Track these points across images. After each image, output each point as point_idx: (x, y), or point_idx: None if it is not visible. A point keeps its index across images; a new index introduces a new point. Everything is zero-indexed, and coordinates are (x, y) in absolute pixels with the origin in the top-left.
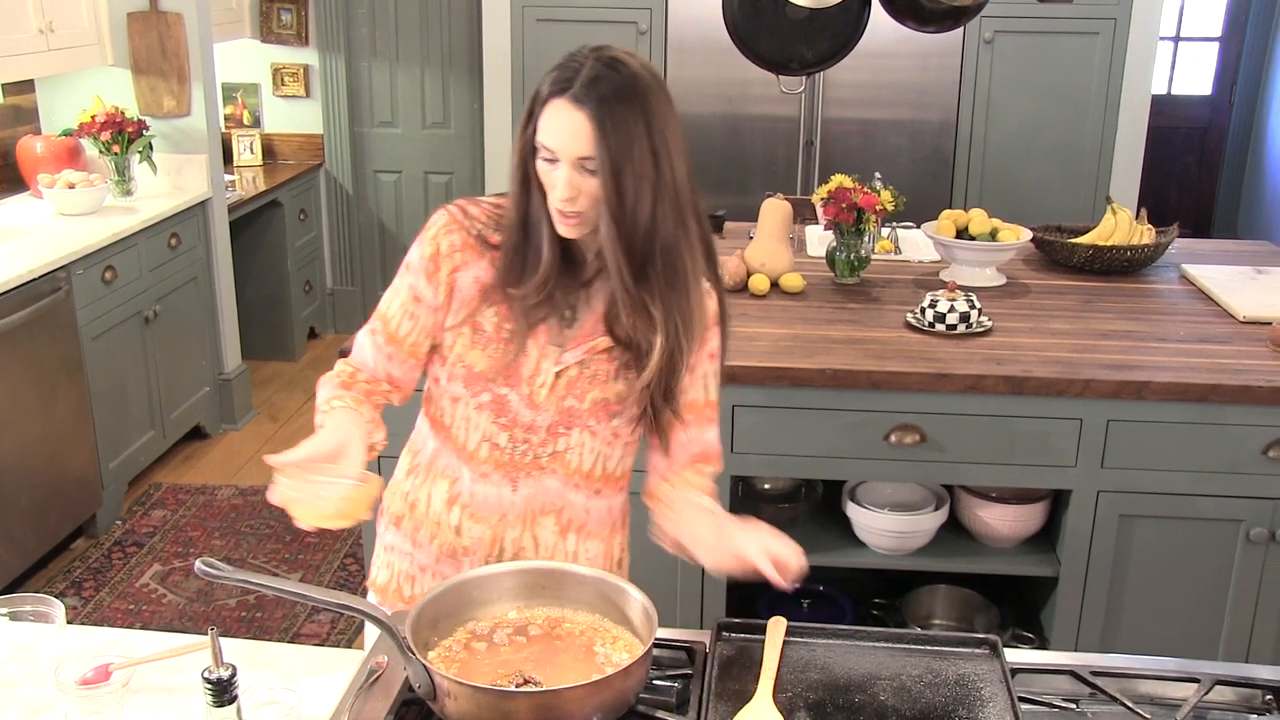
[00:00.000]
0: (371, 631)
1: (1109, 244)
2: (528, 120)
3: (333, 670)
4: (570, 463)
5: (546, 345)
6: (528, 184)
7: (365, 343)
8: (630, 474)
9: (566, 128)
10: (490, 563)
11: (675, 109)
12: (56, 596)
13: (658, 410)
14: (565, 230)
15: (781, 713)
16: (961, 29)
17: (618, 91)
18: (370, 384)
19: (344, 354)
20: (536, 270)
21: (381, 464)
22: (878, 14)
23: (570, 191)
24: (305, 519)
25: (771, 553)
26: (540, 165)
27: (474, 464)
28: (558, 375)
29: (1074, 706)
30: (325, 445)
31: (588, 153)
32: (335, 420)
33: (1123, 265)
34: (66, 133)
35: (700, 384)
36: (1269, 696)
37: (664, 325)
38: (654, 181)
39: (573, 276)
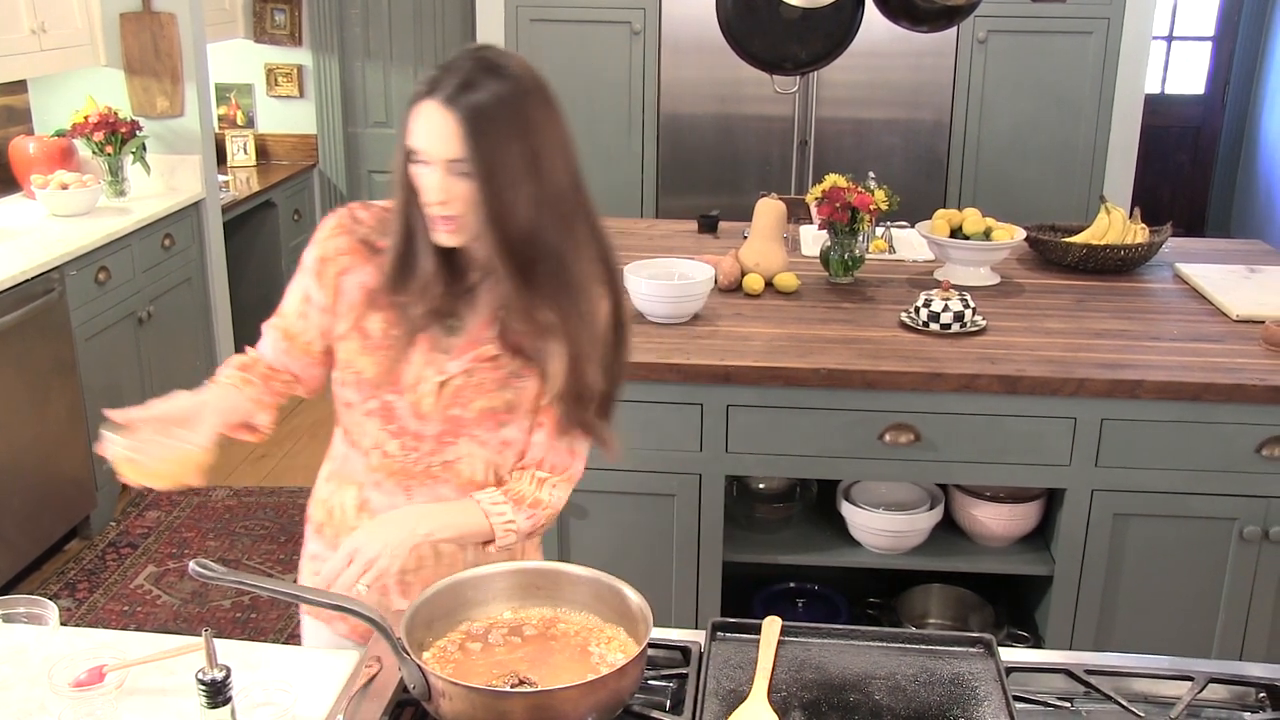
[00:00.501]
0: (310, 626)
1: (1103, 243)
2: (405, 123)
3: (328, 671)
4: (462, 472)
5: (431, 353)
6: (407, 189)
7: (266, 336)
8: None
9: (435, 130)
10: (391, 576)
11: (559, 112)
12: (50, 598)
13: (574, 415)
14: (442, 237)
15: (776, 712)
16: (955, 29)
17: (492, 93)
18: (271, 372)
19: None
20: (417, 277)
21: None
22: (871, 14)
23: (441, 195)
24: (129, 475)
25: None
26: (414, 169)
27: (369, 471)
28: (442, 384)
29: (1069, 705)
30: (176, 409)
31: (457, 155)
32: (206, 391)
33: (1116, 264)
34: (59, 133)
35: None
36: (1262, 694)
37: (562, 330)
38: (532, 185)
39: (457, 283)
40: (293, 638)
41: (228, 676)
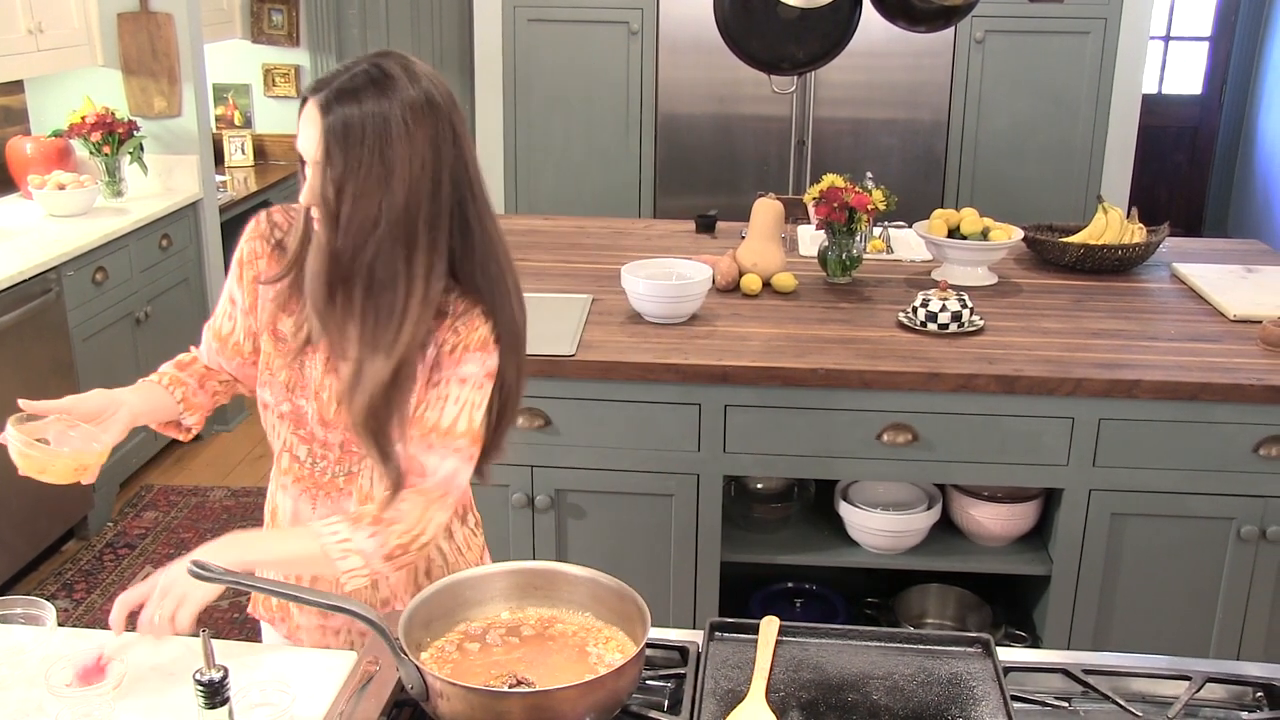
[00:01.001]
0: (268, 629)
1: (1100, 243)
2: None
3: (325, 671)
4: (363, 488)
5: (333, 360)
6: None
7: (205, 340)
8: None
9: (306, 129)
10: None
11: (449, 134)
12: (47, 599)
13: (367, 425)
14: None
15: (774, 712)
16: (952, 29)
17: (364, 106)
18: (208, 371)
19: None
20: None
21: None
22: (869, 14)
23: (309, 197)
24: (23, 467)
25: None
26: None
27: (279, 474)
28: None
29: (1066, 705)
30: (88, 405)
31: (319, 158)
32: (130, 390)
33: (1114, 264)
34: (56, 133)
35: (439, 404)
36: (1259, 694)
37: (372, 346)
38: (375, 202)
39: None
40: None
41: (225, 677)
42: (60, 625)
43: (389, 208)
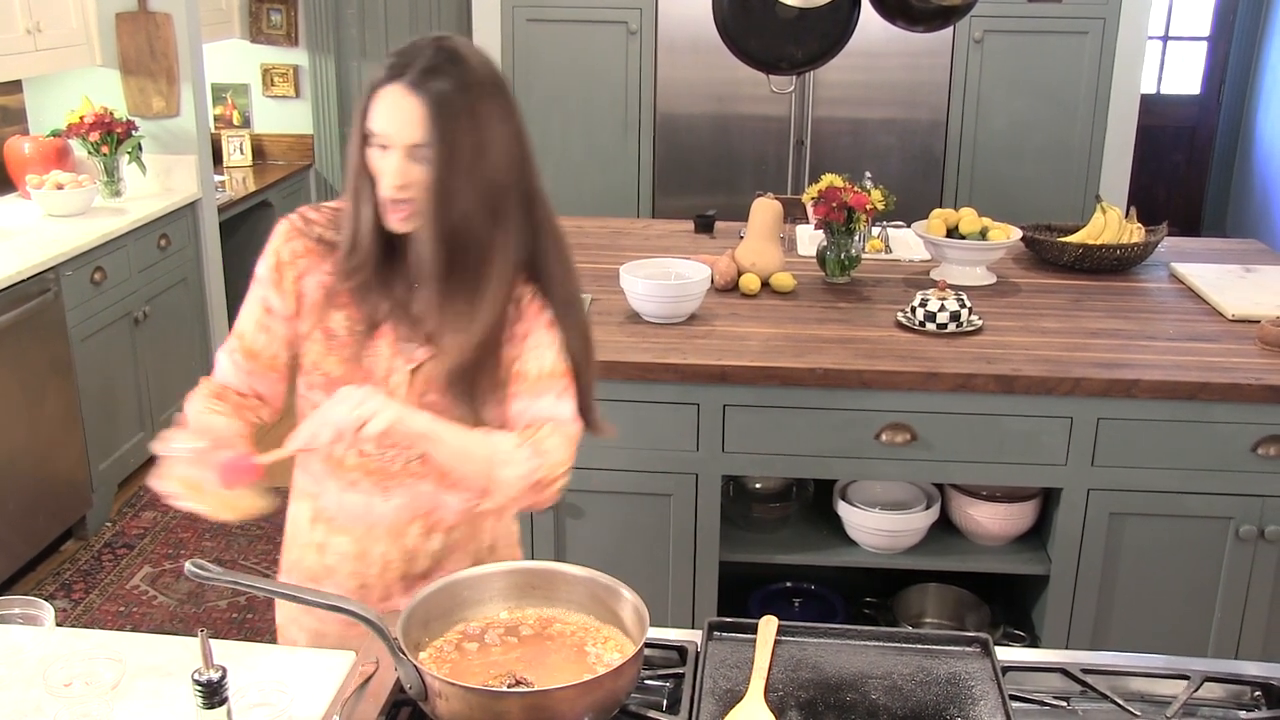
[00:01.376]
0: (285, 623)
1: (1098, 243)
2: (363, 112)
3: (324, 671)
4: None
5: (397, 342)
6: (360, 175)
7: (225, 363)
8: None
9: (399, 113)
10: (353, 581)
11: (514, 110)
12: (46, 599)
13: (463, 395)
14: (394, 223)
15: (773, 712)
16: (951, 28)
17: (453, 82)
18: (241, 399)
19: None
20: (356, 253)
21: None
22: (867, 13)
23: (399, 179)
24: (218, 511)
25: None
26: (372, 154)
27: (342, 473)
28: (413, 372)
29: (1065, 704)
30: (215, 433)
31: (420, 139)
32: (211, 418)
33: (1112, 264)
34: (55, 133)
35: (533, 355)
36: (1258, 693)
37: (470, 317)
38: (476, 176)
39: (411, 272)
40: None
41: (224, 677)
42: (58, 625)
43: (488, 180)
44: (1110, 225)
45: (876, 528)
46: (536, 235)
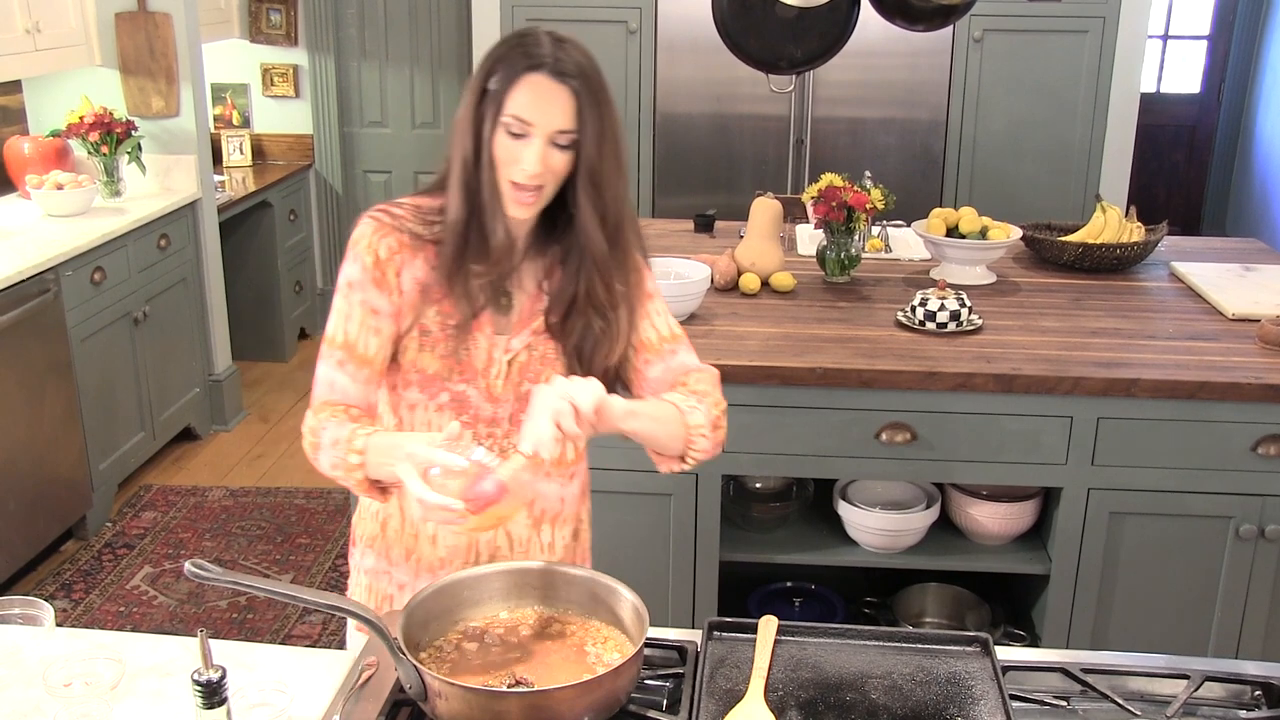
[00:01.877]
0: (354, 635)
1: (1098, 242)
2: (482, 97)
3: (324, 671)
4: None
5: (493, 335)
6: (480, 167)
7: (337, 379)
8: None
9: (549, 101)
10: (467, 568)
11: None
12: (46, 599)
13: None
14: (519, 209)
15: (773, 712)
16: (951, 28)
17: (588, 71)
18: (361, 413)
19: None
20: (486, 251)
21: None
22: (867, 13)
23: (540, 166)
24: (484, 528)
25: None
26: (504, 140)
27: None
28: (510, 363)
29: (1065, 704)
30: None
31: (568, 126)
32: (403, 441)
33: (1112, 263)
34: (54, 133)
35: (647, 323)
36: (1258, 692)
37: (626, 297)
38: (618, 160)
39: (511, 257)
40: (289, 638)
41: (223, 677)
42: (58, 625)
43: (622, 163)
44: (1110, 224)
45: (876, 527)
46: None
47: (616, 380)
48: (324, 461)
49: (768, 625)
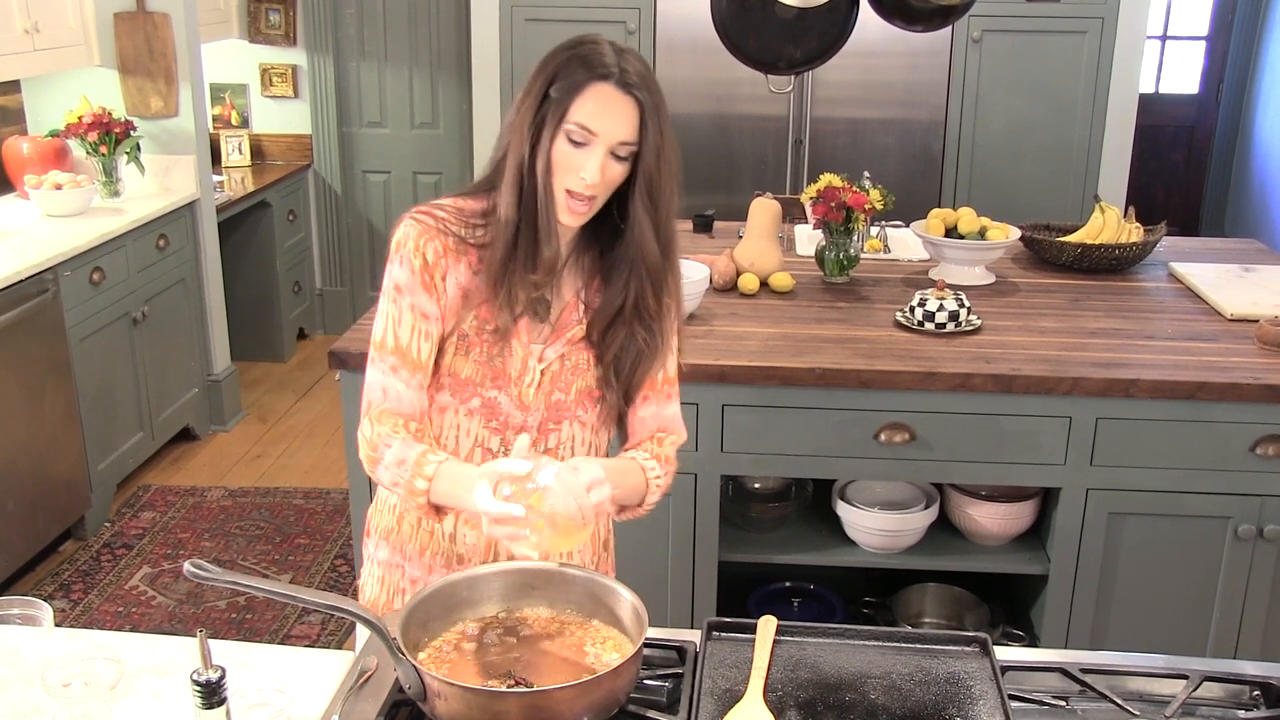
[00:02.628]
0: (362, 633)
1: (1097, 242)
2: (541, 102)
3: (323, 672)
4: (564, 459)
5: (530, 344)
6: (534, 172)
7: (391, 385)
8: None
9: (614, 111)
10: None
11: None
12: (45, 599)
13: (631, 393)
14: (571, 217)
15: (772, 712)
16: (950, 28)
17: (651, 85)
18: (426, 433)
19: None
20: (535, 259)
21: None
22: (866, 13)
23: (599, 175)
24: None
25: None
26: (563, 148)
27: None
28: (543, 372)
29: (1064, 704)
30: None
31: (631, 138)
32: (452, 462)
33: (1111, 263)
34: (53, 133)
35: (667, 358)
36: (1256, 692)
37: (674, 309)
38: (674, 175)
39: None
40: (289, 638)
41: (223, 677)
42: (57, 626)
43: (677, 179)
44: (1109, 225)
45: (875, 527)
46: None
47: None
48: (384, 477)
49: (767, 625)
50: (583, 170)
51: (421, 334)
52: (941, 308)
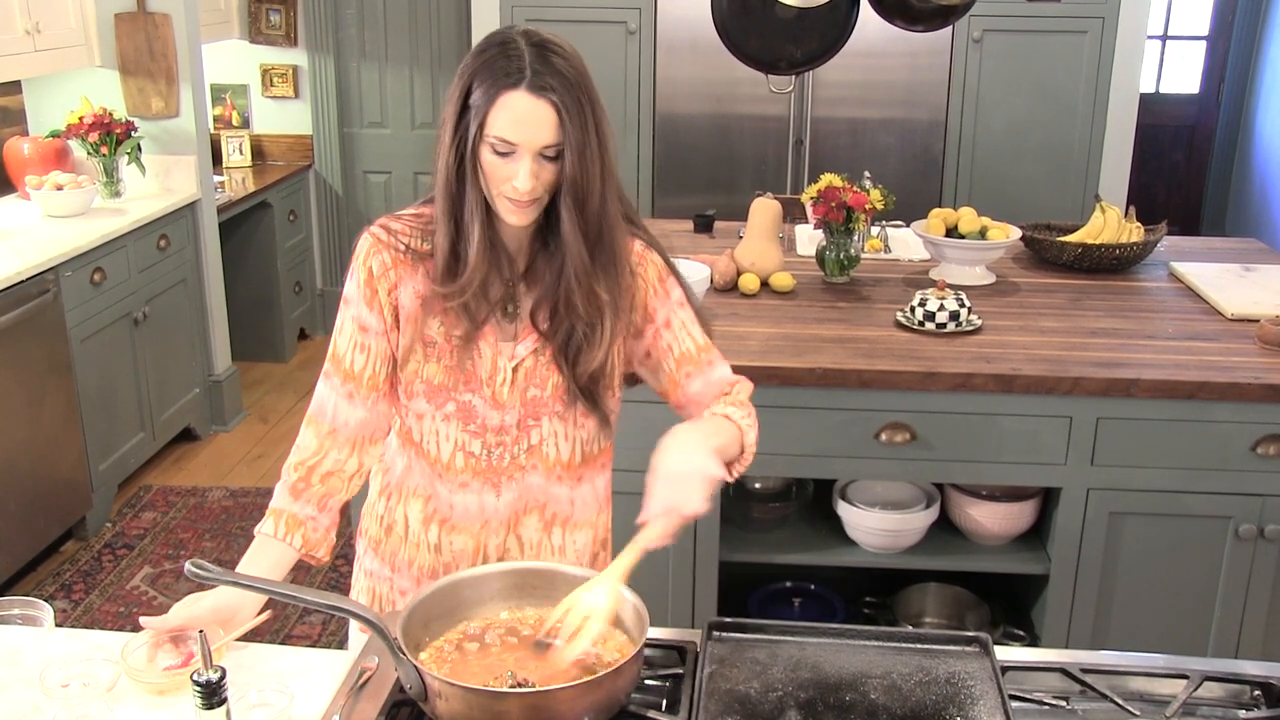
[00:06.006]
0: (354, 633)
1: (1098, 242)
2: (461, 114)
3: (324, 672)
4: (548, 455)
5: (498, 343)
6: (463, 180)
7: (323, 392)
8: (612, 449)
9: (530, 118)
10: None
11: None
12: (46, 600)
13: (588, 387)
14: (517, 218)
15: (772, 712)
16: (950, 28)
17: (568, 76)
18: (329, 475)
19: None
20: (467, 267)
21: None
22: (866, 13)
23: (532, 181)
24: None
25: (662, 514)
26: (490, 159)
27: (451, 475)
28: (515, 370)
29: (1064, 704)
30: (204, 619)
31: (553, 140)
32: (246, 564)
33: (1111, 263)
34: (54, 134)
35: (684, 335)
36: (1257, 692)
37: (611, 305)
38: (601, 162)
39: (508, 269)
40: (289, 638)
41: (223, 677)
42: (58, 626)
43: (608, 166)
44: (1109, 224)
45: (876, 527)
46: (628, 204)
47: (622, 382)
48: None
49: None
50: (514, 178)
51: (357, 346)
52: (942, 308)
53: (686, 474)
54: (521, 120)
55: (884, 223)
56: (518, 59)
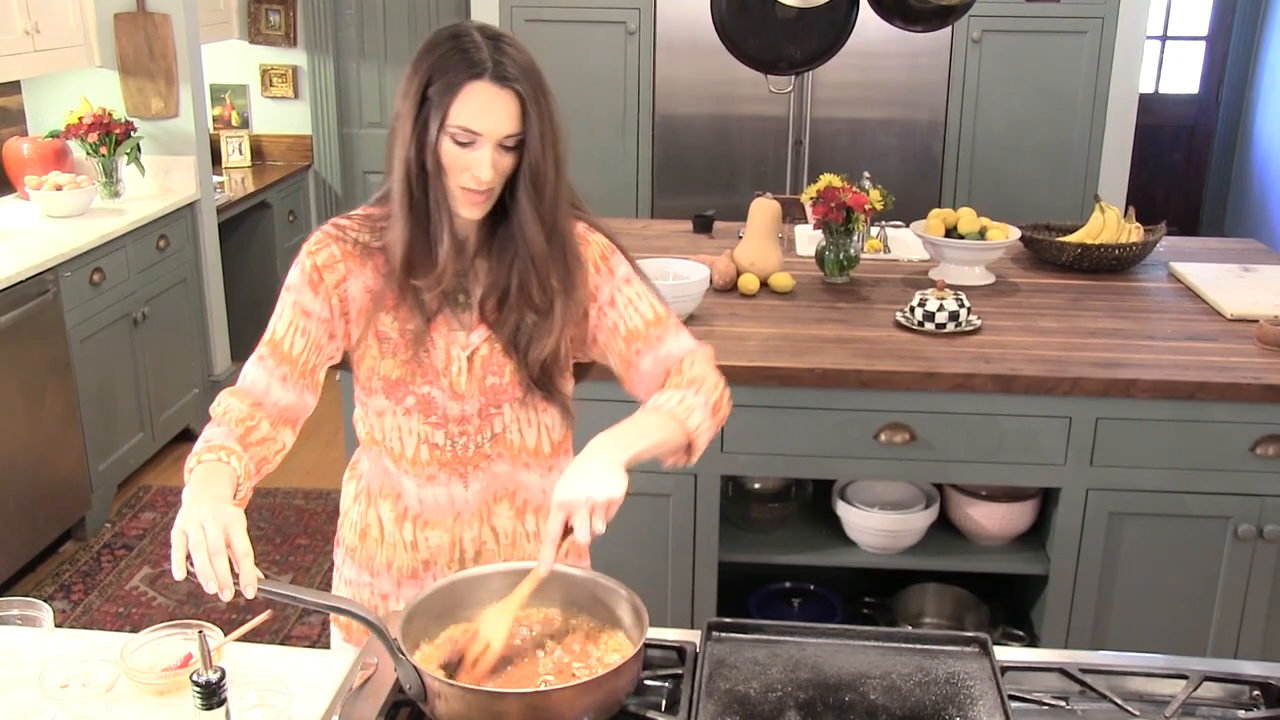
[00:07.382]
0: (338, 636)
1: (1097, 242)
2: (420, 106)
3: (323, 671)
4: (513, 443)
5: (451, 333)
6: (424, 172)
7: (253, 371)
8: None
9: (493, 108)
10: (453, 569)
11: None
12: (45, 600)
13: (540, 377)
14: (472, 211)
15: (771, 712)
16: (949, 28)
17: (526, 67)
18: (263, 440)
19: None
20: (437, 259)
21: (328, 494)
22: (866, 13)
23: (493, 170)
24: None
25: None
26: (450, 149)
27: (418, 469)
28: (470, 358)
29: (1064, 704)
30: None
31: (514, 130)
32: (206, 483)
33: (1111, 263)
34: (53, 134)
35: (631, 311)
36: (1256, 692)
37: (562, 293)
38: (555, 151)
39: (461, 259)
40: (289, 638)
41: (222, 678)
42: (58, 627)
43: (562, 155)
44: (1109, 225)
45: (876, 528)
46: (573, 192)
47: (574, 364)
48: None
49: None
50: (475, 169)
51: (298, 330)
52: (941, 308)
53: (574, 501)
54: (485, 110)
55: (883, 223)
56: (476, 50)
